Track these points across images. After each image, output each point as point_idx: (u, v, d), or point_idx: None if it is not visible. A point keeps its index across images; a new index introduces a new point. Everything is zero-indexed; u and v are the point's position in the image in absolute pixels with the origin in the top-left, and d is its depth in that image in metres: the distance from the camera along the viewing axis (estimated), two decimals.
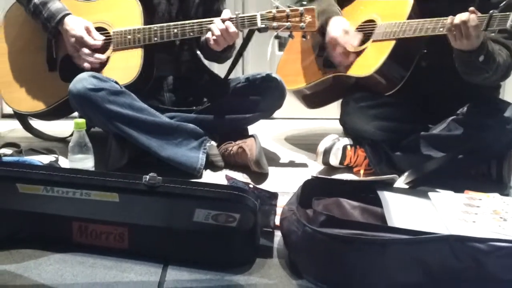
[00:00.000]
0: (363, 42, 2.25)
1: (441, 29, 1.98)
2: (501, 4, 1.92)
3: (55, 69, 2.27)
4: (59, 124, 2.48)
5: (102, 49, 2.18)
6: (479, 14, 1.86)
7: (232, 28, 2.08)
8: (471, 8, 1.87)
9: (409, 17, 2.13)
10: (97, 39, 2.16)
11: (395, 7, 2.21)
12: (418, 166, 1.96)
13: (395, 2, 2.23)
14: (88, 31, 2.16)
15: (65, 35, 2.17)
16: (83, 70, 2.12)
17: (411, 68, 2.15)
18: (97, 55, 2.15)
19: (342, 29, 2.23)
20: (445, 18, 1.97)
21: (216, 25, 2.09)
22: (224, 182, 1.73)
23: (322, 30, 2.28)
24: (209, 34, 2.12)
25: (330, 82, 2.38)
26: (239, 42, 2.30)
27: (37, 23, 2.22)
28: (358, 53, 2.24)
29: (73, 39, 2.15)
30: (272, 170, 2.18)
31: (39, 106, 2.27)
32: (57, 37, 2.22)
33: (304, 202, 1.56)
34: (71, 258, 1.46)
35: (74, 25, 2.15)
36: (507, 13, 1.85)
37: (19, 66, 2.33)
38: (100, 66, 2.17)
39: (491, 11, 1.86)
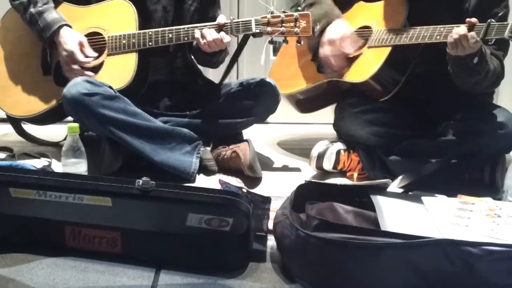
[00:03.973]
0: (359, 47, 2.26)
1: (438, 37, 1.99)
2: (500, 14, 1.95)
3: (49, 73, 2.26)
4: (52, 128, 2.47)
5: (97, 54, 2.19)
6: (478, 23, 1.88)
7: (227, 39, 2.09)
8: (473, 19, 1.88)
9: (405, 25, 2.14)
10: (89, 56, 2.16)
11: (391, 14, 2.22)
12: (412, 171, 1.96)
13: (391, 9, 2.23)
14: (81, 46, 2.15)
15: (59, 47, 2.17)
16: None
17: (405, 74, 2.15)
18: (87, 73, 2.14)
19: (341, 33, 2.23)
20: (442, 26, 1.99)
21: (209, 32, 2.09)
22: (218, 186, 1.73)
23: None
24: (198, 34, 2.11)
25: (324, 87, 2.38)
26: (233, 47, 2.30)
27: (33, 31, 2.22)
28: (353, 59, 2.25)
29: (65, 53, 2.15)
30: (265, 175, 2.18)
31: (33, 110, 2.27)
32: (52, 46, 2.22)
33: (297, 206, 1.56)
34: (64, 262, 1.46)
35: (68, 39, 2.15)
36: (505, 22, 1.87)
37: (13, 70, 2.32)
38: (94, 71, 2.17)
39: (489, 20, 1.87)
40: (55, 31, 2.16)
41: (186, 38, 2.14)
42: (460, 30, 1.90)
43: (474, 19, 1.89)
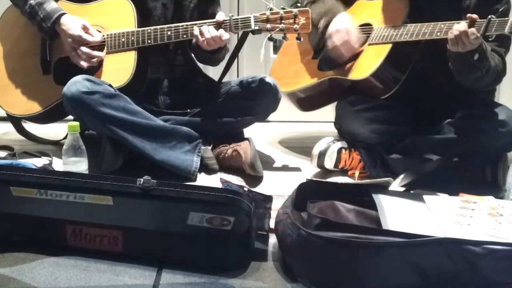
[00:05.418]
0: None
1: (438, 34, 1.99)
2: (501, 9, 1.95)
3: (49, 72, 2.26)
4: (53, 127, 2.47)
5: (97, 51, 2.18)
6: (478, 20, 1.87)
7: (225, 36, 2.09)
8: (474, 15, 1.88)
9: (405, 21, 2.14)
10: (95, 36, 2.16)
11: (392, 11, 2.21)
12: (413, 169, 1.96)
13: (392, 6, 2.23)
14: (85, 29, 2.16)
15: (62, 35, 2.17)
16: (77, 72, 2.10)
17: (406, 71, 2.15)
18: (95, 53, 2.15)
19: (347, 23, 2.22)
20: (442, 22, 1.98)
21: (208, 30, 2.09)
22: (219, 185, 1.72)
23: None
24: (196, 31, 2.11)
25: (325, 85, 2.38)
26: (233, 44, 2.30)
27: (33, 24, 2.22)
28: (354, 56, 2.24)
29: (70, 39, 2.15)
30: (266, 173, 2.18)
31: (33, 109, 2.27)
32: (53, 37, 2.21)
33: (298, 205, 1.56)
34: (65, 261, 1.45)
35: (71, 25, 2.15)
36: (506, 18, 1.87)
37: (13, 69, 2.32)
38: (94, 68, 2.17)
39: (489, 16, 1.87)
40: (56, 19, 2.16)
41: (184, 36, 2.13)
42: (460, 26, 1.89)
43: (474, 15, 1.89)
